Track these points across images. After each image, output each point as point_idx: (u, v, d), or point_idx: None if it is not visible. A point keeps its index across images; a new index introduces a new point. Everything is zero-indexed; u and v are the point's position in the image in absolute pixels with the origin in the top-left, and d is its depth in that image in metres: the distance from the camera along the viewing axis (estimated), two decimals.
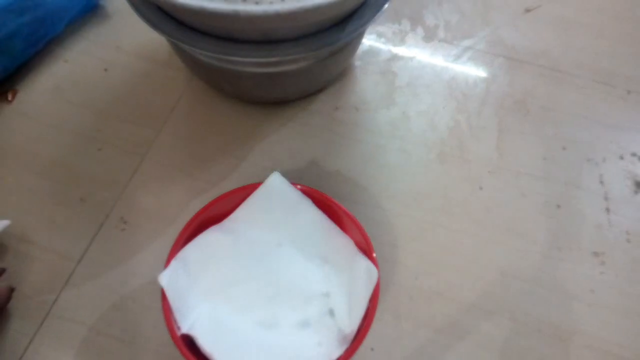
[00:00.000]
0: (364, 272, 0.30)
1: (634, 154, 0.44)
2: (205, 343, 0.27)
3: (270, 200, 0.31)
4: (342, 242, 0.31)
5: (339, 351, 0.28)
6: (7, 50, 0.43)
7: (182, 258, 0.29)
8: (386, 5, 0.34)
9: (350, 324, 0.28)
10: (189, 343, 0.28)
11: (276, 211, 0.31)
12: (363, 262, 0.30)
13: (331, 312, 0.29)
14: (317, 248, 0.31)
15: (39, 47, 0.46)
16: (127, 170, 0.41)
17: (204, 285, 0.29)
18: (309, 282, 0.30)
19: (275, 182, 0.32)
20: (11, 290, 0.35)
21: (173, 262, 0.29)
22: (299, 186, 0.32)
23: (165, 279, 0.28)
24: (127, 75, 0.46)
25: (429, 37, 0.50)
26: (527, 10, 0.52)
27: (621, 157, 0.43)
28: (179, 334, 0.27)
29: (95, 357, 0.34)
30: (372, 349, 0.34)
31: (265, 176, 0.34)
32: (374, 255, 0.30)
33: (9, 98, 0.44)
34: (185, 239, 0.30)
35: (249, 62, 0.35)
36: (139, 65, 0.47)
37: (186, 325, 0.28)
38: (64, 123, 0.43)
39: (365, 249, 0.31)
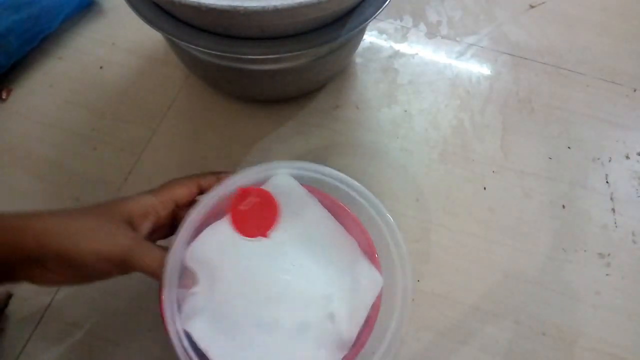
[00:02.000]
0: (367, 278, 0.29)
1: None
2: (202, 341, 0.27)
3: (276, 198, 0.30)
4: (347, 244, 0.31)
5: (338, 356, 0.27)
6: (2, 47, 0.42)
7: (189, 250, 0.28)
8: (388, 1, 0.33)
9: (350, 329, 0.28)
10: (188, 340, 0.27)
11: (282, 209, 0.31)
12: (367, 267, 0.29)
13: (332, 316, 0.29)
14: (321, 248, 0.30)
15: (34, 44, 0.45)
16: (123, 170, 0.40)
17: (204, 282, 0.29)
18: (312, 284, 0.29)
19: (282, 180, 0.31)
20: (9, 296, 0.35)
21: (175, 253, 0.28)
22: (311, 174, 0.32)
23: (169, 268, 0.27)
24: (123, 73, 0.45)
25: (432, 33, 0.49)
26: (531, 7, 0.51)
27: (627, 157, 0.43)
28: (178, 325, 0.26)
29: (90, 359, 0.33)
30: (373, 353, 0.34)
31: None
32: (377, 256, 0.30)
33: (3, 96, 0.44)
34: (193, 227, 0.29)
35: (247, 59, 0.34)
36: (135, 63, 0.46)
37: (184, 319, 0.27)
38: (59, 122, 0.43)
39: (369, 251, 0.30)
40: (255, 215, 0.28)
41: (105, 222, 0.25)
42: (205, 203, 0.28)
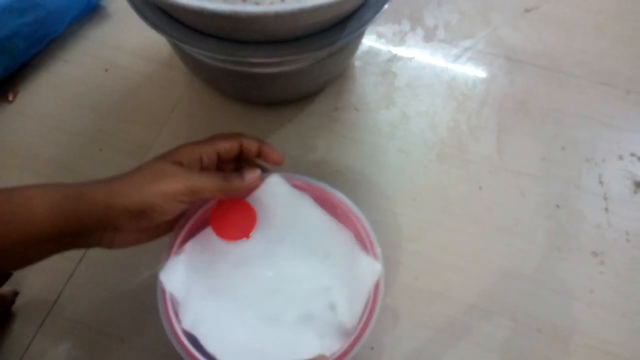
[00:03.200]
0: (365, 266, 0.30)
1: (633, 154, 0.44)
2: (207, 341, 0.27)
3: (269, 199, 0.31)
4: (342, 237, 0.32)
5: (339, 344, 0.28)
6: (8, 50, 0.43)
7: (184, 254, 0.29)
8: (386, 6, 0.34)
9: (351, 317, 0.28)
10: (190, 340, 0.28)
11: (276, 209, 0.32)
12: (364, 256, 0.30)
13: (332, 306, 0.30)
14: (317, 243, 0.31)
15: (40, 47, 0.46)
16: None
17: (205, 282, 0.29)
18: (310, 277, 0.30)
19: (274, 182, 0.32)
20: (15, 294, 0.35)
21: (175, 257, 0.29)
22: (300, 181, 0.33)
23: (167, 273, 0.28)
24: (128, 75, 0.46)
25: (429, 37, 0.50)
26: (527, 11, 0.52)
27: (620, 157, 0.43)
28: (179, 329, 0.27)
29: (95, 355, 0.34)
30: (372, 348, 0.35)
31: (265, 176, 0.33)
32: (377, 249, 0.31)
33: (10, 98, 0.45)
34: (185, 233, 0.30)
35: (249, 63, 0.35)
36: (139, 66, 0.47)
37: (187, 321, 0.28)
38: (65, 123, 0.44)
39: (367, 243, 0.31)
40: (235, 220, 0.30)
41: (161, 170, 0.27)
42: (191, 213, 0.30)
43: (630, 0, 0.53)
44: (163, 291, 0.28)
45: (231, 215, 0.30)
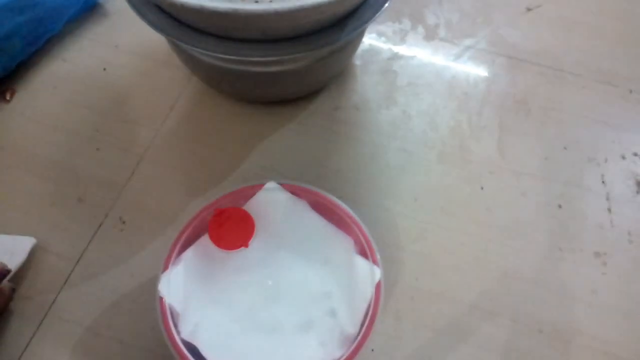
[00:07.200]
0: (365, 272, 0.30)
1: (635, 154, 0.43)
2: (207, 350, 0.27)
3: (266, 206, 0.32)
4: (341, 243, 0.32)
5: (341, 351, 0.28)
6: (6, 49, 0.43)
7: (182, 262, 0.29)
8: (387, 4, 0.34)
9: (352, 323, 0.28)
10: (189, 349, 0.27)
11: (274, 216, 0.32)
12: (364, 262, 0.30)
13: (333, 313, 0.29)
14: (316, 250, 0.31)
15: (38, 46, 0.46)
16: (126, 170, 0.41)
17: (204, 292, 0.29)
18: (310, 284, 0.30)
19: (271, 189, 0.32)
20: (13, 290, 0.35)
21: (173, 268, 0.29)
22: (297, 187, 0.33)
23: (165, 282, 0.28)
24: (126, 74, 0.46)
25: (430, 36, 0.50)
26: (528, 9, 0.52)
27: (623, 157, 0.43)
28: (178, 339, 0.27)
29: (92, 358, 0.34)
30: (372, 350, 0.34)
31: (265, 176, 0.33)
32: (376, 254, 0.30)
33: (7, 97, 0.44)
34: (183, 242, 0.30)
35: (249, 62, 0.34)
36: (138, 65, 0.47)
37: (186, 332, 0.28)
38: (63, 123, 0.43)
39: (367, 248, 0.31)
40: (233, 229, 0.30)
41: None
42: (189, 224, 0.30)
43: None
44: (161, 301, 0.28)
45: (229, 225, 0.30)
